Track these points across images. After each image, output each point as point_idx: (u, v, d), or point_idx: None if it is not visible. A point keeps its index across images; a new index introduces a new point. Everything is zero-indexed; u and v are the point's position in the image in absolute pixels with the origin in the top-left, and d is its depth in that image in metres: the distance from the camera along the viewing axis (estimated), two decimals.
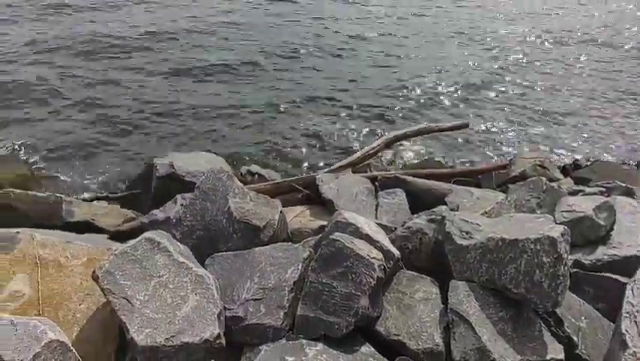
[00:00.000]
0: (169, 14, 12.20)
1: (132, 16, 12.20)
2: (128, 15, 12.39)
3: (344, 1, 14.65)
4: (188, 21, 11.53)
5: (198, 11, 12.56)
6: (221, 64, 8.83)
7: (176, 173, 4.12)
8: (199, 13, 12.28)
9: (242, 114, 6.96)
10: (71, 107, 7.29)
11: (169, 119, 6.82)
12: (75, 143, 6.36)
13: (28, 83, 7.97)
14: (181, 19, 11.78)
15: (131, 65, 8.89)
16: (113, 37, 10.03)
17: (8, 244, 2.33)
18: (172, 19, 11.74)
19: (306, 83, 8.17)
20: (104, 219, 3.83)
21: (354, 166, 4.40)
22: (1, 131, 6.53)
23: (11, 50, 9.19)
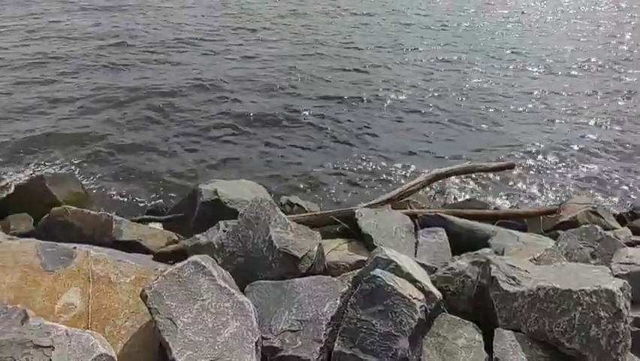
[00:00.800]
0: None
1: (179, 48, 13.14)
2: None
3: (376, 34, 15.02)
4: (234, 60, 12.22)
5: (244, 46, 13.32)
6: (267, 106, 9.27)
7: (219, 200, 4.27)
8: (247, 52, 12.99)
9: (283, 146, 7.18)
10: (123, 131, 7.81)
11: (215, 145, 7.14)
12: (126, 164, 6.77)
13: (84, 107, 8.67)
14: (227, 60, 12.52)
15: (182, 94, 9.48)
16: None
17: (67, 258, 2.48)
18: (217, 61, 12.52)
19: (345, 119, 8.33)
20: (149, 240, 3.99)
21: (394, 202, 4.37)
22: (59, 151, 7.08)
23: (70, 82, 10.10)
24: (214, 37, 14.74)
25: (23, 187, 5.58)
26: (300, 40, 14.41)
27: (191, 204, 4.68)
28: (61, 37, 14.40)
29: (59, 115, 8.47)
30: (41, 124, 8.07)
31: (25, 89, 9.72)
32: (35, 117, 8.32)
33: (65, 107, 8.87)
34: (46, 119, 8.26)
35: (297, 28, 15.66)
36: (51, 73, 10.82)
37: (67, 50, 12.55)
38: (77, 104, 8.96)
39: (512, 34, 15.65)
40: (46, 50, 13.24)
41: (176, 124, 8.05)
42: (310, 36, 14.73)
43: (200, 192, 4.41)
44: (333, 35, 15.01)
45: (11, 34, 15.32)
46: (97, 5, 22.23)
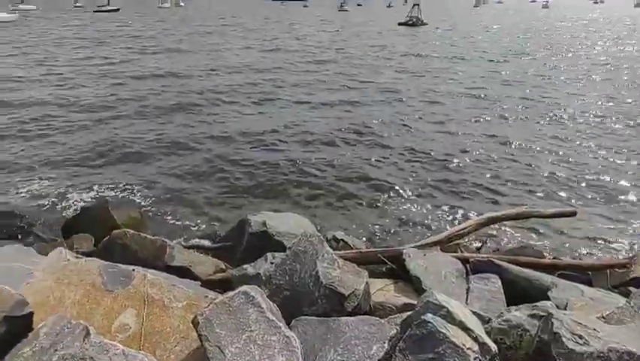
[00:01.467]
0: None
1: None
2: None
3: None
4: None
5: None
6: (321, 135, 9.53)
7: (267, 231, 4.34)
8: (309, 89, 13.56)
9: (331, 182, 7.26)
10: (179, 160, 8.30)
11: (265, 178, 7.37)
12: (180, 191, 7.14)
13: (141, 137, 9.34)
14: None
15: (239, 127, 9.98)
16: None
17: (125, 279, 2.61)
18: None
19: (394, 158, 8.32)
20: (198, 267, 4.10)
21: (443, 244, 4.22)
22: (121, 177, 7.60)
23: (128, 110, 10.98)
24: (265, 81, 15.68)
25: (89, 210, 6.01)
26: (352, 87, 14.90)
27: (240, 233, 4.80)
28: (128, 78, 15.87)
29: (121, 143, 9.20)
30: (107, 151, 8.79)
31: (96, 125, 10.70)
32: (105, 147, 9.09)
33: (125, 136, 9.64)
34: (112, 148, 8.99)
35: (353, 73, 16.27)
36: (118, 110, 11.87)
37: (133, 91, 13.72)
38: (136, 135, 9.71)
39: (564, 80, 15.22)
40: (116, 91, 14.57)
41: (229, 155, 8.45)
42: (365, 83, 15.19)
43: (249, 223, 4.51)
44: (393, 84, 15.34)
45: (87, 75, 17.08)
46: (162, 48, 24.36)
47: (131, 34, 35.54)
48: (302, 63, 19.84)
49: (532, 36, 32.48)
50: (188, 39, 31.50)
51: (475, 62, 19.11)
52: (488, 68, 18.11)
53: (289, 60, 20.99)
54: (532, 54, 22.06)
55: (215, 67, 18.93)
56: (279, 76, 16.57)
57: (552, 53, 23.32)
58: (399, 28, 42.32)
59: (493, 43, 26.83)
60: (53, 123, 10.88)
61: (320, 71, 17.70)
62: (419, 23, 44.46)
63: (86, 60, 22.31)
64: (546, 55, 22.26)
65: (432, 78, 15.60)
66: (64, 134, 10.03)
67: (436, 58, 21.15)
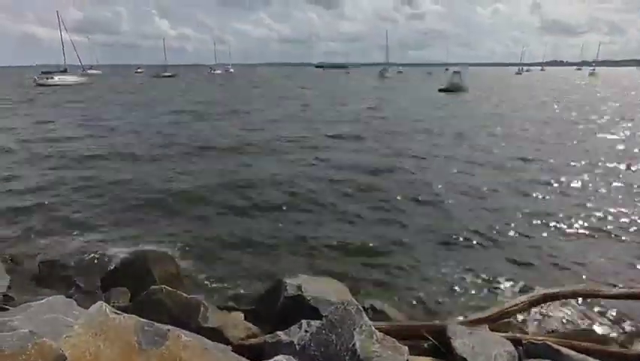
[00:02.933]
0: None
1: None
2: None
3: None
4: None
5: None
6: (362, 197, 9.54)
7: (302, 296, 4.21)
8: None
9: (371, 245, 7.09)
10: (214, 219, 8.47)
11: (301, 241, 7.32)
12: (215, 249, 7.19)
13: (183, 192, 9.70)
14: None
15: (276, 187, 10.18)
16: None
17: (160, 339, 2.55)
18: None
19: (439, 224, 8.08)
20: (230, 330, 3.99)
21: (492, 322, 3.89)
22: (161, 232, 7.81)
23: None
24: (290, 141, 16.27)
25: (128, 263, 6.14)
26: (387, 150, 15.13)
27: (275, 296, 4.68)
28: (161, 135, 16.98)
29: (163, 198, 9.60)
30: (149, 206, 9.17)
31: (140, 177, 11.34)
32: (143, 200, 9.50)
33: (166, 190, 10.05)
34: (154, 203, 9.37)
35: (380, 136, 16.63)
36: (162, 164, 12.58)
37: (164, 147, 14.57)
38: (177, 190, 10.13)
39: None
40: (161, 145, 15.58)
41: (264, 216, 8.55)
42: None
43: (285, 286, 4.41)
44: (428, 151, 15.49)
45: (133, 128, 18.44)
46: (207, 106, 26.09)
47: (185, 96, 38.61)
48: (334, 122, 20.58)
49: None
50: (234, 98, 33.88)
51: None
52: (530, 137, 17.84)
53: (316, 123, 21.74)
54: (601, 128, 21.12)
55: (250, 127, 20.01)
56: (309, 141, 17.10)
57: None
58: (439, 94, 43.53)
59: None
60: (100, 175, 11.63)
61: (353, 134, 18.16)
62: (460, 90, 45.79)
63: (134, 115, 24.42)
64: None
65: (468, 149, 15.52)
66: (111, 185, 10.65)
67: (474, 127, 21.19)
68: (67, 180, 11.22)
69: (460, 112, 27.39)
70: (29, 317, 3.23)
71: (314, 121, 22.31)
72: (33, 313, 3.33)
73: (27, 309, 3.55)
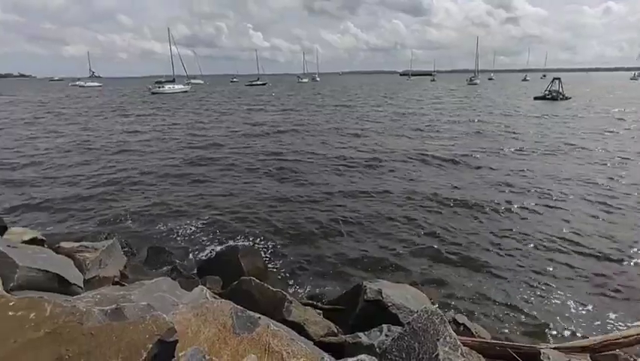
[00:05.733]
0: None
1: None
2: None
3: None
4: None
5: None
6: (454, 206, 9.18)
7: (383, 301, 4.21)
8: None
9: (456, 256, 6.82)
10: (301, 220, 8.76)
11: (386, 245, 7.31)
12: (303, 249, 7.47)
13: (276, 194, 10.15)
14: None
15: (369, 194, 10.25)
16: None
17: (251, 325, 2.77)
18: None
19: (537, 240, 7.48)
20: (311, 326, 4.14)
21: (594, 352, 3.50)
22: (253, 230, 8.33)
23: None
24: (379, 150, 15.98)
25: (221, 255, 6.70)
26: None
27: (354, 299, 4.75)
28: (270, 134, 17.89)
29: (258, 201, 10.20)
30: (244, 209, 9.84)
31: (237, 180, 12.18)
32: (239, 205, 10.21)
33: (261, 192, 10.67)
34: (249, 206, 10.03)
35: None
36: (256, 170, 13.38)
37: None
38: (272, 192, 10.70)
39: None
40: (251, 145, 16.56)
41: (355, 219, 8.68)
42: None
43: (365, 290, 4.44)
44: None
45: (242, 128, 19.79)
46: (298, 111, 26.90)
47: (272, 103, 40.74)
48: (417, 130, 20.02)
49: None
50: (317, 104, 34.88)
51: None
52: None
53: (407, 132, 21.25)
54: None
55: (345, 130, 20.34)
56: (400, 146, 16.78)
57: None
58: (535, 102, 39.75)
59: None
60: (210, 174, 12.78)
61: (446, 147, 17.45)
62: (559, 97, 41.15)
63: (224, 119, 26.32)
64: None
65: (575, 159, 14.02)
66: (219, 184, 11.66)
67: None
68: (178, 175, 12.60)
69: (561, 125, 24.56)
70: (143, 293, 3.72)
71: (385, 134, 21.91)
72: (146, 291, 3.83)
73: (141, 286, 4.09)
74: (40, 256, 4.51)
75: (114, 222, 8.83)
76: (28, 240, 5.70)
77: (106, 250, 5.44)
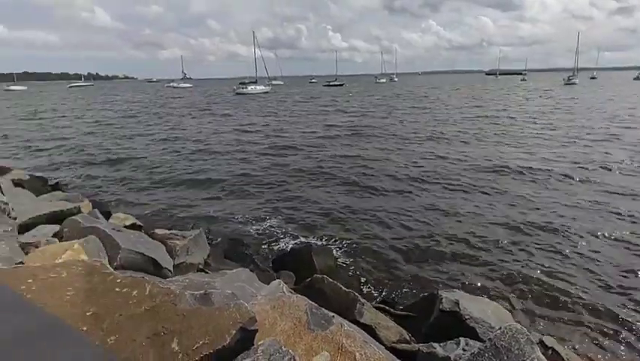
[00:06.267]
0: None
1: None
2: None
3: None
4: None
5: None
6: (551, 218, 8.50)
7: (460, 313, 4.01)
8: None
9: (544, 271, 6.27)
10: (374, 225, 8.66)
11: (465, 253, 6.97)
12: (377, 250, 7.41)
13: (360, 197, 10.14)
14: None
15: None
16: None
17: (325, 323, 2.82)
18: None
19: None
20: (383, 330, 4.08)
21: None
22: (326, 229, 8.43)
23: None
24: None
25: (296, 251, 6.90)
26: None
27: (428, 307, 4.59)
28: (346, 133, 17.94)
29: (334, 202, 10.31)
30: (320, 209, 10.01)
31: (314, 183, 12.44)
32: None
33: (340, 193, 10.77)
34: (326, 206, 10.19)
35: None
36: (331, 176, 13.53)
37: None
38: (350, 195, 10.75)
39: None
40: (329, 145, 16.74)
41: (435, 226, 8.41)
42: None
43: (441, 299, 4.27)
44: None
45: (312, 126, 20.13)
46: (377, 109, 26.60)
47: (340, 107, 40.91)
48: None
49: None
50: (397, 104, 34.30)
51: None
52: None
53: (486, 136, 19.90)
54: None
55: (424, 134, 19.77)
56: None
57: None
58: None
59: None
60: (286, 175, 13.26)
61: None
62: None
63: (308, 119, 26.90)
64: None
65: None
66: (294, 184, 12.07)
67: None
68: (255, 174, 13.28)
69: None
70: (225, 281, 3.97)
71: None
72: (228, 279, 4.08)
73: (223, 275, 4.37)
74: (139, 240, 5.03)
75: (200, 213, 9.55)
76: (129, 225, 6.40)
77: (193, 239, 5.89)
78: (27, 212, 5.45)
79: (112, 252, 4.49)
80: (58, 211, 5.77)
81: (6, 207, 4.25)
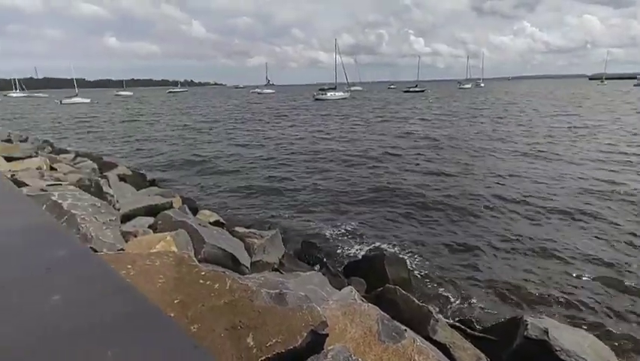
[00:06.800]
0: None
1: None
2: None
3: None
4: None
5: None
6: None
7: (549, 343, 3.63)
8: None
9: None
10: (457, 232, 8.23)
11: (556, 276, 6.34)
12: (455, 264, 7.06)
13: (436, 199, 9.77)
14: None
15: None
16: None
17: (396, 336, 2.73)
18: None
19: None
20: (458, 351, 3.85)
21: None
22: (402, 236, 8.22)
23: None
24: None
25: (368, 259, 6.83)
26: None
27: (510, 332, 4.23)
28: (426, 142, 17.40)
29: (410, 207, 10.04)
30: (397, 212, 9.82)
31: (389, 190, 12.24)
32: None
33: (419, 200, 10.46)
34: (404, 211, 9.96)
35: None
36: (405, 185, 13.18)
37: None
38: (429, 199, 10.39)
39: None
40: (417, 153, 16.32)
41: (522, 240, 7.83)
42: None
43: (526, 325, 3.91)
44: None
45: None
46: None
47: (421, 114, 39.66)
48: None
49: None
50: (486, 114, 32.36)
51: None
52: None
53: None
54: None
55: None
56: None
57: None
58: None
59: None
60: (359, 182, 13.26)
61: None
62: None
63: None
64: None
65: None
66: (367, 192, 12.02)
67: None
68: (338, 175, 13.48)
69: None
70: (298, 283, 4.05)
71: None
72: (301, 281, 4.16)
73: (296, 277, 4.46)
74: (221, 236, 5.36)
75: (276, 215, 9.91)
76: (213, 221, 6.86)
77: (270, 239, 6.12)
78: (128, 204, 6.10)
79: (197, 245, 4.84)
80: (153, 205, 6.38)
81: (112, 200, 4.80)
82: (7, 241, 1.56)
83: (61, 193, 4.04)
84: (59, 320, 1.01)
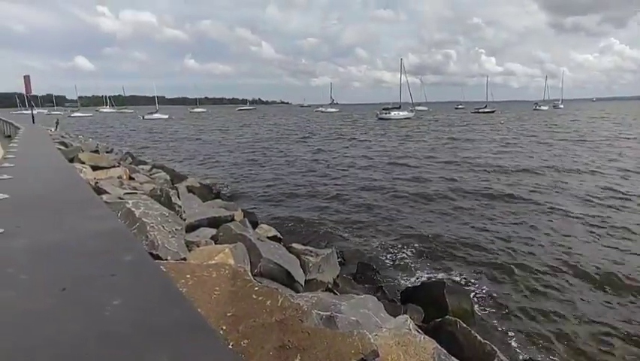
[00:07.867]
0: None
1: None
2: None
3: None
4: None
5: None
6: None
7: None
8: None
9: None
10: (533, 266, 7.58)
11: (613, 322, 5.57)
12: (521, 298, 6.54)
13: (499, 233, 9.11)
14: None
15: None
16: None
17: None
18: None
19: None
20: None
21: None
22: (462, 266, 7.75)
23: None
24: None
25: (427, 286, 6.50)
26: None
27: None
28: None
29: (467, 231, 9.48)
30: (455, 240, 9.33)
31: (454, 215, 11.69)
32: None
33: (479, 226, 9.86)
34: (459, 238, 9.45)
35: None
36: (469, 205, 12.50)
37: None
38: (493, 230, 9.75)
39: None
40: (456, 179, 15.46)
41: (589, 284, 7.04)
42: None
43: None
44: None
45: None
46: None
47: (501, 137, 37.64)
48: None
49: None
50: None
51: None
52: None
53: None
54: None
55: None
56: None
57: None
58: None
59: None
60: (417, 208, 12.84)
61: None
62: None
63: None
64: None
65: None
66: (428, 216, 11.60)
67: None
68: (399, 199, 13.23)
69: None
70: (351, 306, 3.93)
71: None
72: (354, 304, 4.04)
73: (350, 299, 4.35)
74: (278, 251, 5.43)
75: (333, 234, 9.86)
76: (271, 236, 7.00)
77: (325, 257, 6.08)
78: (194, 215, 6.44)
79: (254, 259, 4.94)
80: (217, 217, 6.67)
81: (179, 210, 5.08)
82: (82, 245, 1.68)
83: (135, 202, 4.36)
84: (116, 324, 1.05)
